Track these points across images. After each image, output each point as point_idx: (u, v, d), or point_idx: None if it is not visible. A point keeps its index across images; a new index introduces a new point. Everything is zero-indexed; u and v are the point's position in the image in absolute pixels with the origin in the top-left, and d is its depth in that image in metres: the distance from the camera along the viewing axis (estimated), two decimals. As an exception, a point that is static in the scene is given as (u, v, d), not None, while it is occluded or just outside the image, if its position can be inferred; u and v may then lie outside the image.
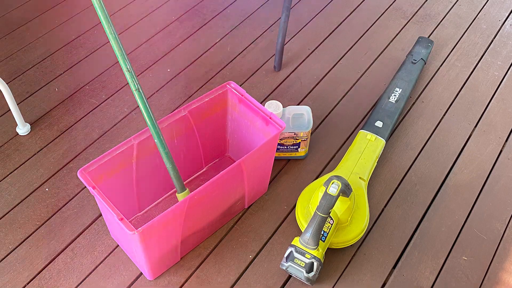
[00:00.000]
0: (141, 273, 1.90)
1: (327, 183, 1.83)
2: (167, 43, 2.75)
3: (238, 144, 2.14)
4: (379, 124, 2.26)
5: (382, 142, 2.20)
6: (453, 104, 2.49)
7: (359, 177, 2.08)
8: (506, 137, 2.36)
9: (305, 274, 1.79)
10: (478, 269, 1.94)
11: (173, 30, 2.82)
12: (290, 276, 1.90)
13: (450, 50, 2.77)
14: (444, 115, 2.44)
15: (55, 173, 2.18)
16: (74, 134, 2.31)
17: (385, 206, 2.11)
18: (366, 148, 2.17)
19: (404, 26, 2.89)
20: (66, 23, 2.84)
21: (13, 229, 2.01)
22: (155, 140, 1.73)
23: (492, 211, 2.11)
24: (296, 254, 1.81)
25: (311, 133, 2.25)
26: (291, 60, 2.67)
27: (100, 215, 2.05)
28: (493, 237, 2.03)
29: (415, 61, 2.56)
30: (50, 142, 2.28)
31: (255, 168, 1.93)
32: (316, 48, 2.75)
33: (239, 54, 2.70)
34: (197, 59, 2.67)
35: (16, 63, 2.62)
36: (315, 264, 1.79)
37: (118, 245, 1.97)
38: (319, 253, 1.80)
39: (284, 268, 1.83)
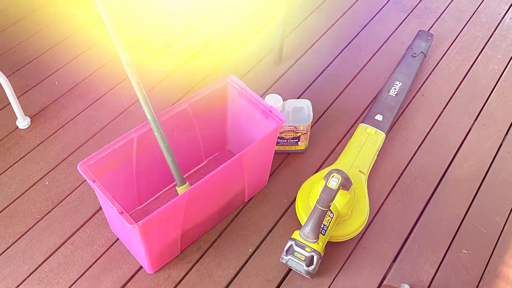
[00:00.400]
0: (141, 267, 1.90)
1: (327, 177, 1.83)
2: (167, 37, 2.74)
3: (238, 137, 2.13)
4: (379, 117, 2.26)
5: (382, 135, 2.20)
6: (453, 97, 2.49)
7: (359, 171, 2.08)
8: (506, 131, 2.36)
9: (305, 268, 1.79)
10: (478, 263, 1.95)
11: (173, 24, 2.82)
12: (290, 270, 1.90)
13: (450, 43, 2.76)
14: (444, 108, 2.44)
15: (55, 167, 2.18)
16: (74, 128, 2.31)
17: (385, 200, 2.11)
18: (366, 142, 2.17)
19: (404, 20, 2.89)
20: (66, 16, 2.84)
21: (13, 223, 2.01)
22: (155, 134, 1.73)
23: (492, 205, 2.11)
24: (296, 248, 1.81)
25: (311, 127, 2.25)
26: (291, 54, 2.67)
27: (100, 208, 2.05)
28: (493, 230, 2.04)
29: (415, 55, 2.56)
30: (50, 136, 2.28)
31: (255, 162, 1.93)
32: (316, 41, 2.75)
33: (239, 47, 2.70)
34: (197, 52, 2.67)
35: (16, 57, 2.61)
36: (315, 257, 1.79)
37: (118, 239, 1.97)
38: (319, 246, 1.80)
39: (284, 261, 1.84)
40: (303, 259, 1.80)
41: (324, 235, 1.84)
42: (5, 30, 2.75)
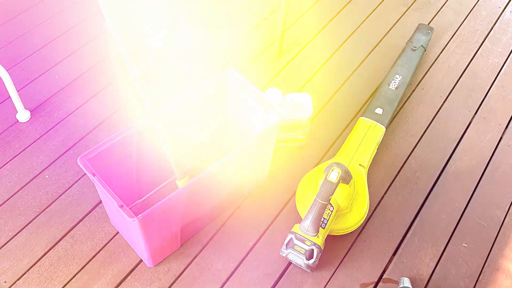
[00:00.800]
0: (141, 260, 1.90)
1: (327, 170, 1.83)
2: (167, 30, 2.74)
3: (238, 131, 2.13)
4: (379, 111, 2.26)
5: (382, 129, 2.20)
6: (453, 91, 2.49)
7: (359, 164, 2.08)
8: (506, 124, 2.36)
9: (305, 261, 1.79)
10: (478, 256, 1.95)
11: (173, 17, 2.81)
12: (290, 263, 1.91)
13: (450, 37, 2.76)
14: (444, 102, 2.44)
15: (55, 160, 2.18)
16: (74, 121, 2.31)
17: (385, 193, 2.11)
18: (366, 135, 2.17)
19: (404, 13, 2.88)
20: (66, 10, 2.83)
21: (13, 216, 2.01)
22: (155, 127, 1.73)
23: (492, 198, 2.11)
24: (296, 241, 1.81)
25: (311, 120, 2.25)
26: (291, 47, 2.66)
27: (100, 202, 2.05)
28: (493, 224, 2.04)
29: (415, 48, 2.55)
30: (50, 129, 2.28)
31: (255, 156, 1.92)
32: (316, 35, 2.74)
33: (239, 41, 2.70)
34: (197, 46, 2.66)
35: (16, 50, 2.61)
36: (315, 251, 1.79)
37: (118, 232, 1.97)
38: (319, 240, 1.81)
39: (284, 255, 1.84)
40: (303, 252, 1.80)
41: (324, 228, 1.84)
42: (5, 23, 2.75)
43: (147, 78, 1.55)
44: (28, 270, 1.88)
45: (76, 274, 1.87)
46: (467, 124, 2.35)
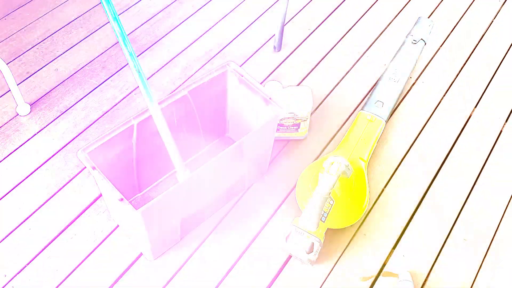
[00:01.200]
0: (142, 254, 1.90)
1: (327, 164, 1.83)
2: (167, 24, 2.74)
3: (238, 124, 2.13)
4: (379, 104, 2.25)
5: (382, 122, 2.20)
6: (453, 84, 2.49)
7: (359, 158, 2.08)
8: (506, 118, 2.36)
9: (305, 255, 1.80)
10: (479, 250, 1.95)
11: (173, 11, 2.81)
12: (290, 256, 1.91)
13: (450, 30, 2.76)
14: (444, 95, 2.44)
15: (55, 154, 2.18)
16: (74, 115, 2.31)
17: (385, 187, 2.11)
18: (366, 129, 2.17)
19: (404, 7, 2.88)
20: (66, 3, 2.83)
21: (13, 210, 2.01)
22: (155, 121, 1.73)
23: (493, 192, 2.11)
24: (296, 235, 1.82)
25: (311, 114, 2.25)
26: (291, 41, 2.66)
27: (100, 195, 2.05)
28: (494, 218, 2.04)
29: (415, 42, 2.55)
30: (50, 123, 2.28)
31: (255, 149, 1.92)
32: (317, 28, 2.74)
33: (239, 34, 2.70)
34: (197, 39, 2.66)
35: (16, 44, 2.61)
36: (315, 244, 1.80)
37: (118, 226, 1.97)
38: (319, 233, 1.81)
39: (284, 248, 1.84)
40: (303, 246, 1.80)
41: (324, 222, 1.84)
42: (5, 17, 2.74)
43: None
44: (28, 264, 1.88)
45: (76, 267, 1.87)
46: (467, 117, 2.35)
